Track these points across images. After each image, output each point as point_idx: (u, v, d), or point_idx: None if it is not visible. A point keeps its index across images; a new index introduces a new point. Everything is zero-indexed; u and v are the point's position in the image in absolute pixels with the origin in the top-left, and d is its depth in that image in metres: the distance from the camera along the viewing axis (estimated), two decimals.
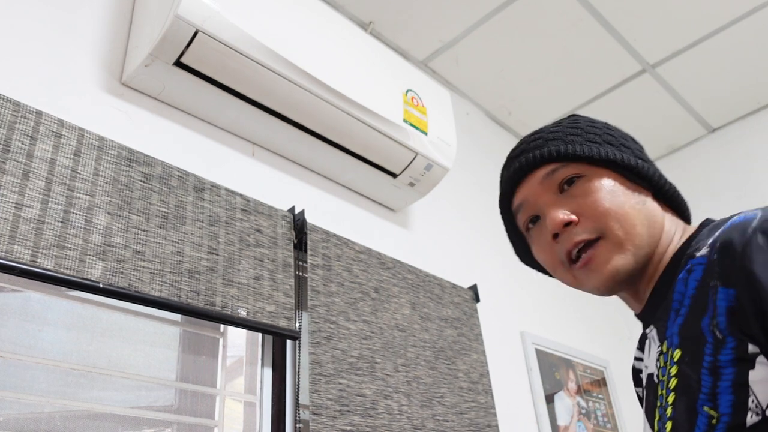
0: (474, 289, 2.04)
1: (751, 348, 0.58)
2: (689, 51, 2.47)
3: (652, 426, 0.72)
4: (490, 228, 2.38)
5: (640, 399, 0.88)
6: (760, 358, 0.58)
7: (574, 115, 0.85)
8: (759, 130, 2.81)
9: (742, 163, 2.78)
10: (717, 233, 0.65)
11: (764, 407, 0.58)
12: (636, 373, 0.87)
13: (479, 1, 2.18)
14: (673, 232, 0.77)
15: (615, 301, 3.10)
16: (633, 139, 0.82)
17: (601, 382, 2.44)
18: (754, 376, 0.58)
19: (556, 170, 0.78)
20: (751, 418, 0.58)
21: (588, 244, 0.74)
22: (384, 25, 2.24)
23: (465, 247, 2.20)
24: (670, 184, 0.79)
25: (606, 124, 0.82)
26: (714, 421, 0.60)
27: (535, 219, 0.81)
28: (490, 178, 2.54)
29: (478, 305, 2.04)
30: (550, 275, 0.87)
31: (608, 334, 2.71)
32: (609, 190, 0.75)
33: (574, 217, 0.75)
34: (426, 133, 1.79)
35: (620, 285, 0.76)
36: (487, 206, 2.44)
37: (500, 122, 2.77)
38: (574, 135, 0.79)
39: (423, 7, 2.18)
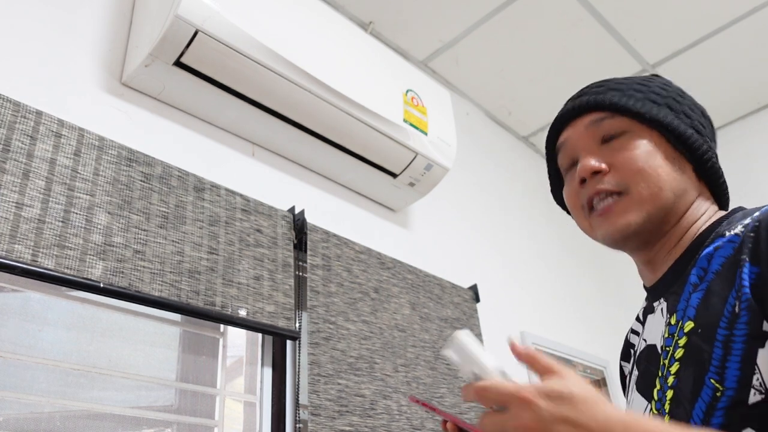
0: (474, 289, 2.04)
1: (766, 326, 0.59)
2: (689, 51, 2.47)
3: (649, 396, 0.73)
4: (490, 228, 2.38)
5: (623, 375, 0.89)
6: None
7: (655, 75, 0.84)
8: (759, 130, 2.81)
9: (742, 163, 2.78)
10: (756, 214, 0.66)
11: None
12: (627, 346, 0.87)
13: (479, 1, 2.18)
14: (703, 211, 0.76)
15: (615, 301, 3.07)
16: (702, 113, 0.81)
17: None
18: (762, 354, 0.59)
19: (603, 119, 0.78)
20: (753, 396, 0.58)
21: (609, 195, 0.75)
22: (384, 25, 2.24)
23: (465, 247, 2.20)
24: (716, 164, 0.78)
25: (680, 90, 0.81)
26: (719, 393, 0.60)
27: (575, 164, 0.81)
28: (490, 178, 2.54)
29: (478, 305, 2.04)
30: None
31: (608, 334, 2.70)
32: (648, 150, 0.75)
33: (604, 166, 0.76)
34: (426, 133, 1.79)
35: (630, 240, 0.76)
36: (487, 206, 2.44)
37: (500, 122, 2.77)
38: (637, 90, 0.78)
39: (423, 7, 2.18)
